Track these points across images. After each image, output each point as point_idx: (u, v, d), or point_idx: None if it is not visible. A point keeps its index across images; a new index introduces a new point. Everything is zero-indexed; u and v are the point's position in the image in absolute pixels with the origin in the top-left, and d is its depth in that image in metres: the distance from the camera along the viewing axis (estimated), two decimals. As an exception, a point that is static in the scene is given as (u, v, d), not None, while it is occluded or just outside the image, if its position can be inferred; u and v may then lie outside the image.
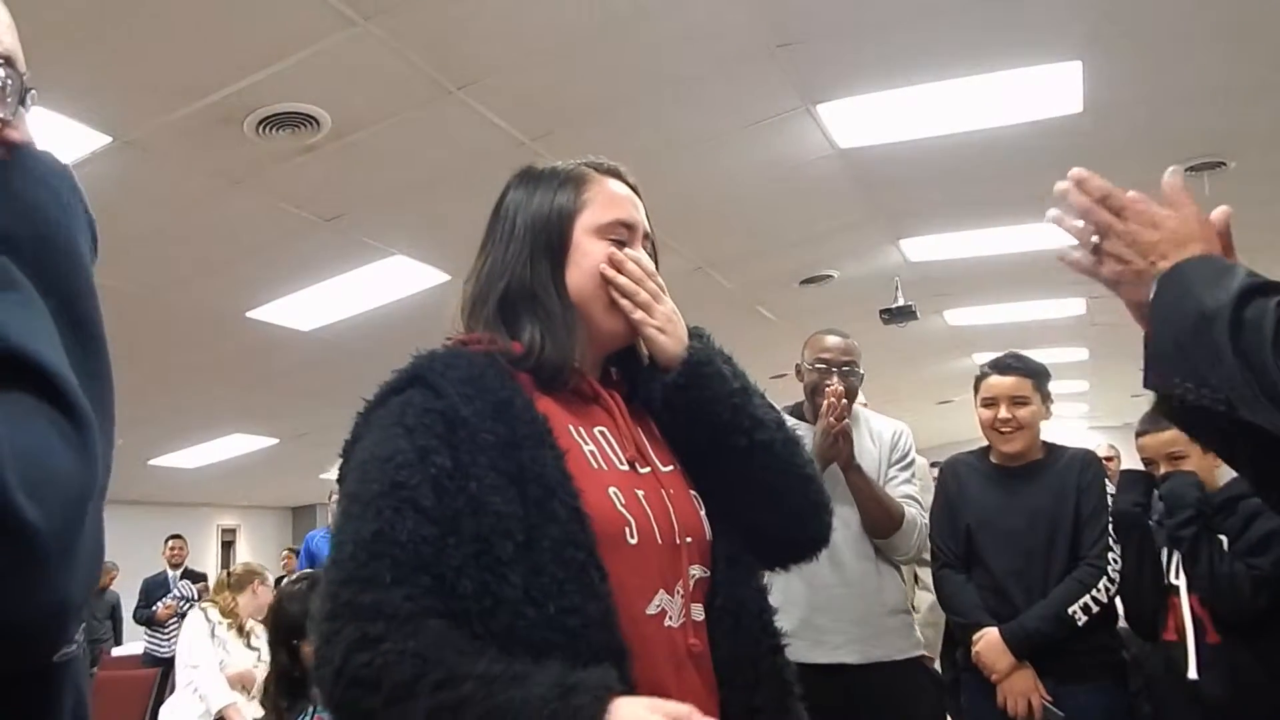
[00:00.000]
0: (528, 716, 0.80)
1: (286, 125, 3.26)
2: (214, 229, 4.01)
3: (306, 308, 5.02)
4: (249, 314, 4.99)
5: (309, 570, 3.07)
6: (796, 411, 2.53)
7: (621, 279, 1.06)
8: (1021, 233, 5.28)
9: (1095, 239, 0.93)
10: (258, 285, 4.70)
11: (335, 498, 1.05)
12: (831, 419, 2.21)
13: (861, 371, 2.41)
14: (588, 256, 1.07)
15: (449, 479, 0.91)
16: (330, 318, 5.18)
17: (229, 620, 3.60)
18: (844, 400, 2.24)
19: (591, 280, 1.06)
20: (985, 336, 7.51)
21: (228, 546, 11.41)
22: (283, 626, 2.06)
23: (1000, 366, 2.38)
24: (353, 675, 0.83)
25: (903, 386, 9.01)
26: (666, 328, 1.07)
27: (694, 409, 1.07)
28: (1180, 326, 0.79)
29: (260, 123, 3.22)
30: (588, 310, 1.07)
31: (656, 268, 1.13)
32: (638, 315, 1.06)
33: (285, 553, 7.37)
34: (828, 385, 2.33)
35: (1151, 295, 0.86)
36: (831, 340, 2.42)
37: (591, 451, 1.01)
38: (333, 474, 1.02)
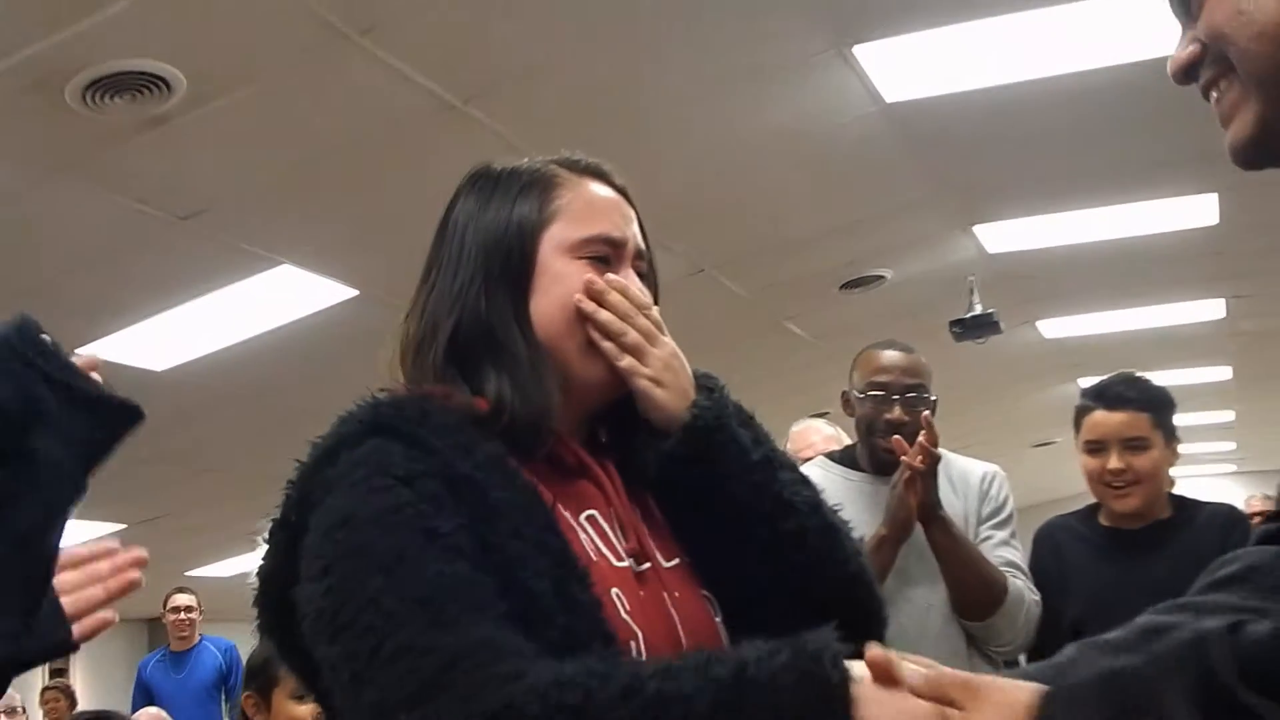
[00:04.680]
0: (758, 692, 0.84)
1: (124, 90, 3.25)
2: (28, 234, 3.99)
3: (159, 340, 5.01)
4: (82, 350, 4.96)
5: (99, 711, 3.02)
6: (847, 458, 2.54)
7: (602, 314, 1.09)
8: (1135, 212, 5.34)
9: None
10: (91, 311, 4.67)
11: (172, 606, 1.12)
12: (917, 463, 2.21)
13: (933, 397, 2.41)
14: (558, 283, 1.10)
15: (476, 540, 0.95)
16: (193, 352, 5.17)
17: None
18: (929, 439, 2.23)
19: (563, 314, 1.10)
20: (1094, 353, 7.58)
21: (58, 675, 11.23)
22: None
23: (1108, 398, 2.40)
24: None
25: (984, 424, 9.04)
26: (663, 378, 1.10)
27: (701, 487, 1.11)
28: None
29: (88, 88, 3.21)
30: (560, 353, 1.10)
31: (655, 295, 1.16)
32: (625, 362, 1.09)
33: (48, 693, 7.12)
34: (888, 417, 2.35)
35: None
36: (890, 356, 2.43)
37: (585, 541, 1.05)
38: (221, 570, 1.06)
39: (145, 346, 5.05)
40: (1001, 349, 6.71)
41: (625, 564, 1.06)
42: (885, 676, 0.85)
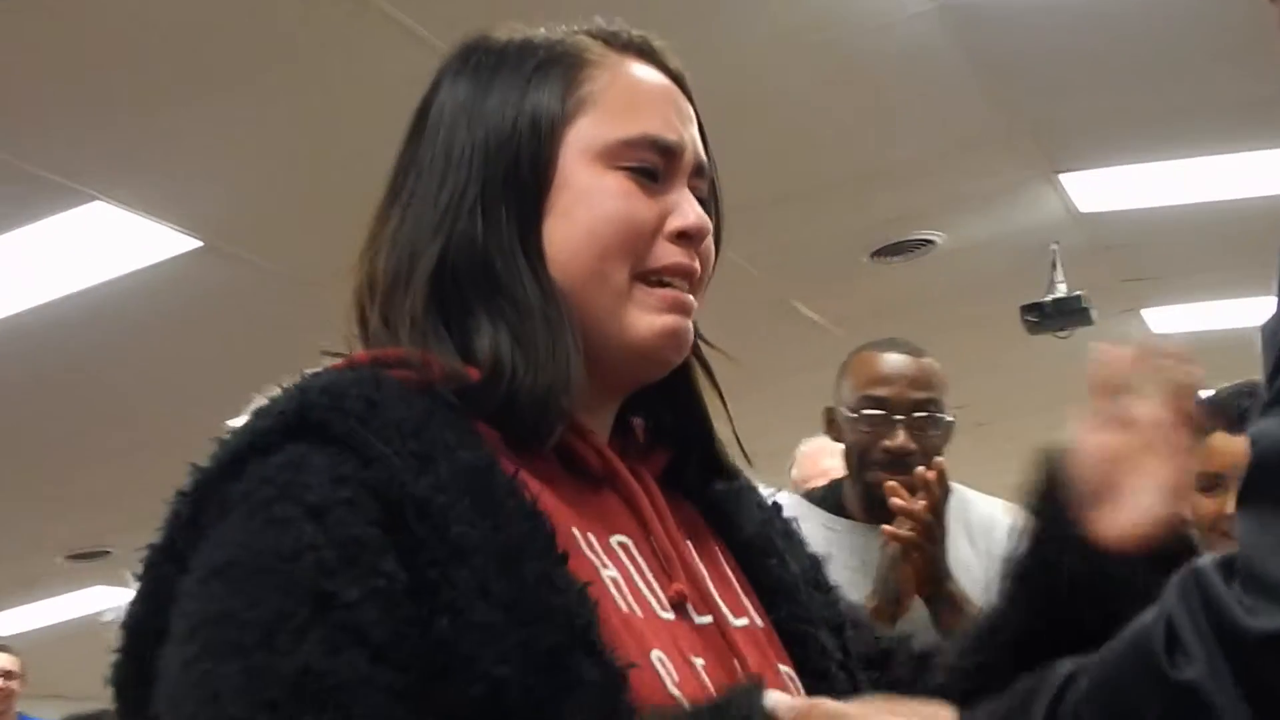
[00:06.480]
0: None
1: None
2: None
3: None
4: None
5: None
6: (831, 498, 2.62)
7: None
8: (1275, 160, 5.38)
9: None
10: None
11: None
12: (903, 534, 2.26)
13: (948, 418, 2.47)
14: (584, 202, 1.10)
15: (406, 602, 0.94)
16: (-32, 321, 5.15)
17: None
18: (936, 484, 2.28)
19: (590, 247, 1.10)
20: (1216, 354, 7.58)
21: None
22: None
23: (1229, 416, 2.41)
24: None
25: (1064, 450, 9.12)
26: None
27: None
28: None
29: None
30: (584, 302, 1.10)
31: (719, 227, 1.17)
32: None
33: None
34: (888, 444, 2.40)
35: None
36: (892, 361, 2.50)
37: (613, 579, 1.04)
38: (50, 613, 1.06)
39: (-99, 311, 5.04)
40: (1093, 345, 6.75)
41: (669, 616, 1.06)
42: None
